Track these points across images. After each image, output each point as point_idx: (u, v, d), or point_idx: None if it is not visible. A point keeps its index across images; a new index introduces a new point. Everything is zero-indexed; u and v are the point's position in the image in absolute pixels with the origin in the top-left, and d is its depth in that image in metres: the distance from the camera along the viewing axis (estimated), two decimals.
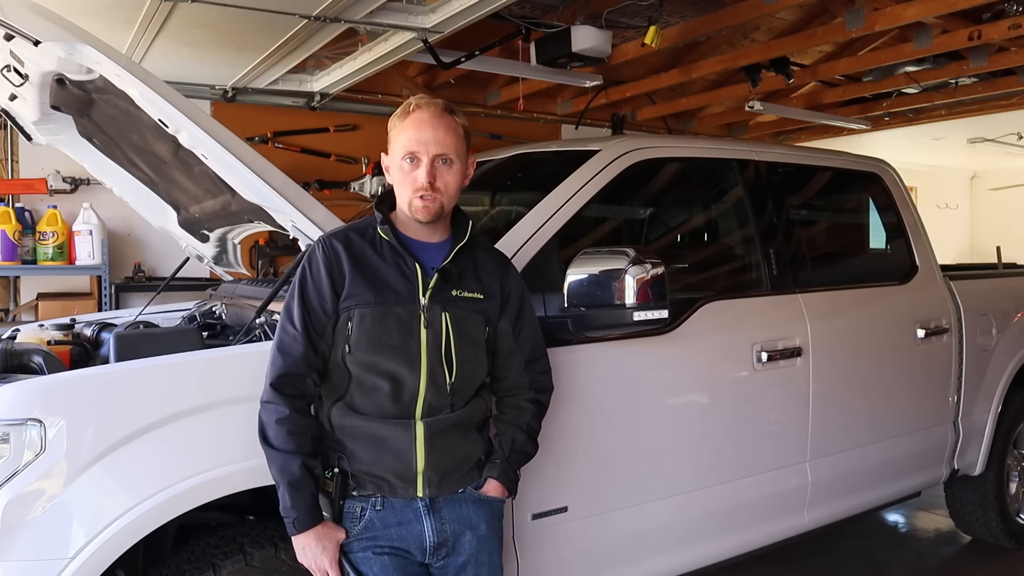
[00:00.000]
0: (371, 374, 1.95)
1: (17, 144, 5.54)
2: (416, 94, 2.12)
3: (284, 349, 1.95)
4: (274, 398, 1.92)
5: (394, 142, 2.02)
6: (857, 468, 3.36)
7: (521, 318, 2.15)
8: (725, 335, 2.92)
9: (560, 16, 5.30)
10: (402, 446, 1.95)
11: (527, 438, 2.16)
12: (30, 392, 1.90)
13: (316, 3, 4.03)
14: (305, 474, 1.90)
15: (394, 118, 2.03)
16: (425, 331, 1.97)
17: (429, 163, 1.96)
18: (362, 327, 1.94)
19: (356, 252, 2.00)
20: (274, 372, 1.94)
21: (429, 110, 1.98)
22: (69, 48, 2.14)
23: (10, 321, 5.40)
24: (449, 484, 2.02)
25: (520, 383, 2.17)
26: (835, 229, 3.95)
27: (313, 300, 1.97)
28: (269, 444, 1.91)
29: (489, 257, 2.16)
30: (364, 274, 1.97)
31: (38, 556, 1.82)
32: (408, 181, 1.98)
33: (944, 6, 4.71)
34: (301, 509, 1.90)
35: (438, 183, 1.97)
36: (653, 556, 2.75)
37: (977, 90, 6.90)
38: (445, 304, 2.00)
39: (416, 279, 1.98)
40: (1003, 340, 4.01)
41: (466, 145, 2.05)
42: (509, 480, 2.12)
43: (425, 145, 1.96)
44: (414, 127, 1.97)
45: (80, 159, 3.16)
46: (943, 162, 12.20)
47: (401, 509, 1.99)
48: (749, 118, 8.29)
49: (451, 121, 2.00)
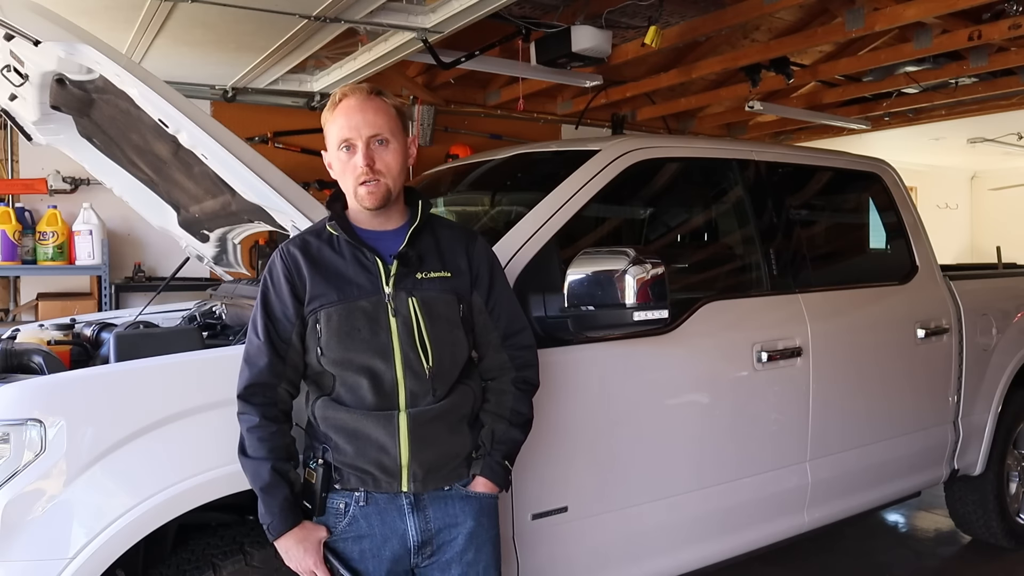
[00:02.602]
0: (348, 371, 1.95)
1: (17, 144, 5.54)
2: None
3: (249, 360, 1.95)
4: (244, 408, 1.93)
5: (329, 136, 2.01)
6: (857, 468, 3.36)
7: (493, 292, 2.11)
8: (725, 335, 2.92)
9: (560, 16, 5.30)
10: (385, 438, 1.93)
11: (508, 424, 2.10)
12: (30, 392, 1.90)
13: (316, 3, 4.03)
14: (276, 478, 1.90)
15: (324, 113, 2.02)
16: (394, 319, 1.95)
17: (364, 146, 1.94)
18: (330, 326, 1.94)
19: (314, 254, 1.99)
20: (241, 383, 1.95)
21: (356, 96, 1.97)
22: (69, 48, 2.14)
23: (10, 321, 5.40)
24: (434, 480, 1.99)
25: (501, 362, 2.13)
26: (835, 229, 3.95)
27: (276, 308, 1.97)
28: (243, 453, 1.93)
29: (452, 233, 2.12)
30: (324, 274, 1.96)
31: (38, 556, 1.82)
32: (348, 170, 1.97)
33: (944, 6, 4.71)
34: (274, 514, 1.90)
35: (378, 165, 1.95)
36: (653, 556, 2.75)
37: (977, 90, 6.90)
38: (411, 289, 1.97)
39: (377, 269, 1.97)
40: (1003, 340, 4.01)
41: (401, 124, 2.02)
42: (495, 474, 2.06)
43: (357, 129, 1.94)
44: (344, 114, 1.96)
45: (80, 159, 3.15)
46: (943, 162, 12.20)
47: (385, 506, 1.97)
48: (749, 118, 8.29)
49: (380, 103, 1.98)
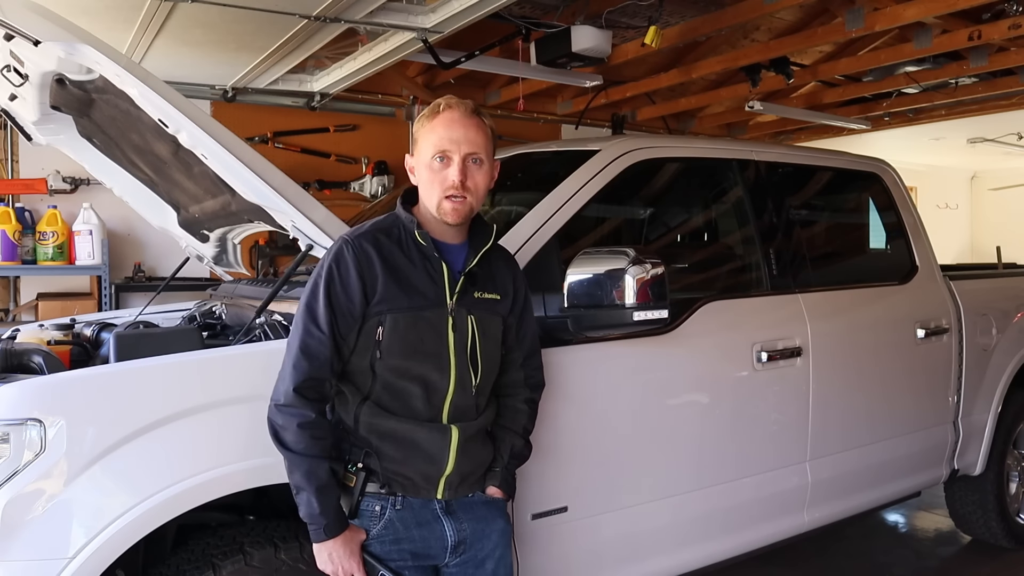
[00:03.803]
0: (402, 379, 1.93)
1: (17, 144, 5.54)
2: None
3: (310, 352, 1.87)
4: (296, 402, 1.86)
5: (423, 141, 1.97)
6: (857, 468, 3.36)
7: (525, 314, 2.16)
8: (725, 335, 2.92)
9: (560, 16, 5.30)
10: (436, 449, 1.95)
11: (524, 443, 2.17)
12: (30, 392, 1.90)
13: (316, 3, 4.03)
14: (331, 479, 1.89)
15: (422, 118, 1.99)
16: (453, 334, 1.96)
17: (461, 162, 1.92)
18: (395, 333, 1.91)
19: (386, 255, 1.94)
20: (299, 376, 1.86)
21: (460, 109, 1.96)
22: (69, 48, 2.14)
23: (10, 321, 5.40)
24: (464, 488, 2.03)
25: (517, 379, 2.17)
26: (835, 229, 3.95)
27: (341, 302, 1.90)
28: (290, 449, 1.85)
29: (499, 256, 2.14)
30: (395, 277, 1.92)
31: (38, 556, 1.82)
32: (438, 181, 1.93)
33: (944, 6, 4.71)
34: (330, 515, 1.87)
35: (468, 183, 1.93)
36: (653, 556, 2.75)
37: (977, 90, 6.90)
38: (470, 307, 1.99)
39: (443, 282, 1.96)
40: (1003, 340, 4.01)
41: (493, 147, 2.02)
42: (508, 486, 2.14)
43: (457, 144, 1.92)
44: (445, 126, 1.93)
45: (80, 159, 3.15)
46: (943, 162, 12.20)
47: (419, 510, 1.98)
48: (749, 118, 8.29)
49: (480, 121, 1.97)
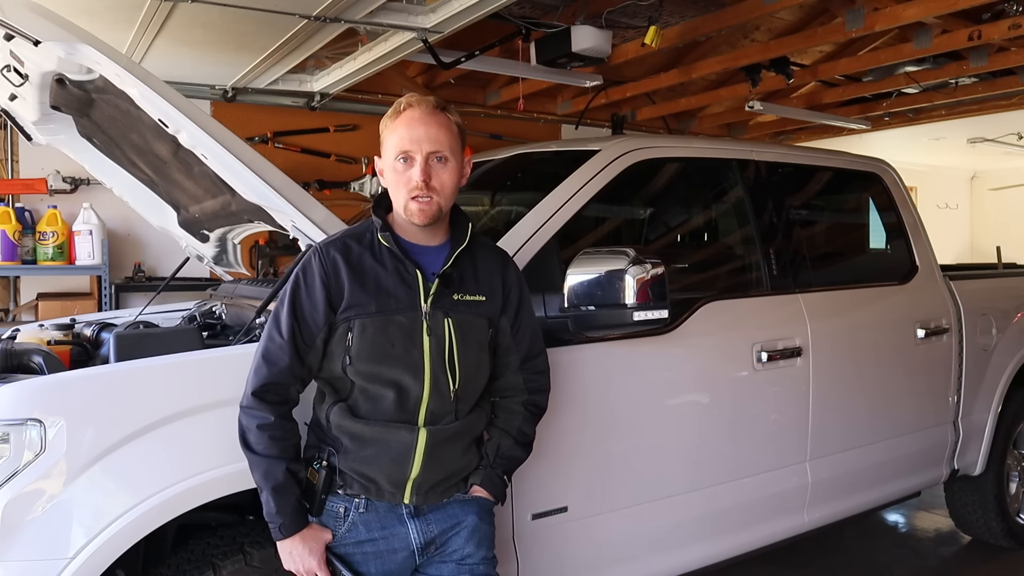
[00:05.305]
0: (374, 384, 1.92)
1: (17, 144, 5.54)
2: (415, 94, 2.10)
3: (269, 358, 1.90)
4: (257, 405, 1.89)
5: (386, 143, 1.96)
6: (857, 468, 3.36)
7: (520, 315, 2.11)
8: (725, 335, 2.92)
9: (560, 16, 5.30)
10: (402, 450, 1.93)
11: (514, 442, 2.13)
12: (30, 392, 1.90)
13: (316, 3, 4.03)
14: (289, 479, 1.89)
15: (385, 119, 1.98)
16: (428, 338, 1.92)
17: (423, 161, 1.90)
18: (363, 337, 1.90)
19: (354, 261, 1.93)
20: (257, 381, 1.90)
21: (421, 107, 1.93)
22: (69, 48, 2.13)
23: (10, 321, 5.40)
24: (434, 495, 2.00)
25: (515, 383, 2.14)
26: (835, 229, 3.95)
27: (305, 310, 1.91)
28: (251, 449, 1.88)
29: (488, 255, 2.10)
30: (364, 283, 1.91)
31: (38, 556, 1.82)
32: (402, 182, 1.92)
33: (944, 6, 4.70)
34: (287, 514, 1.88)
35: (433, 182, 1.91)
36: (653, 556, 2.75)
37: (977, 90, 6.90)
38: (448, 309, 1.95)
39: (417, 285, 1.93)
40: (1003, 340, 4.01)
41: (461, 143, 1.98)
42: (493, 486, 2.08)
43: (418, 143, 1.90)
44: (406, 125, 1.92)
45: (80, 159, 3.15)
46: (943, 162, 12.20)
47: (385, 514, 1.97)
48: (749, 118, 8.29)
49: (444, 118, 1.94)
